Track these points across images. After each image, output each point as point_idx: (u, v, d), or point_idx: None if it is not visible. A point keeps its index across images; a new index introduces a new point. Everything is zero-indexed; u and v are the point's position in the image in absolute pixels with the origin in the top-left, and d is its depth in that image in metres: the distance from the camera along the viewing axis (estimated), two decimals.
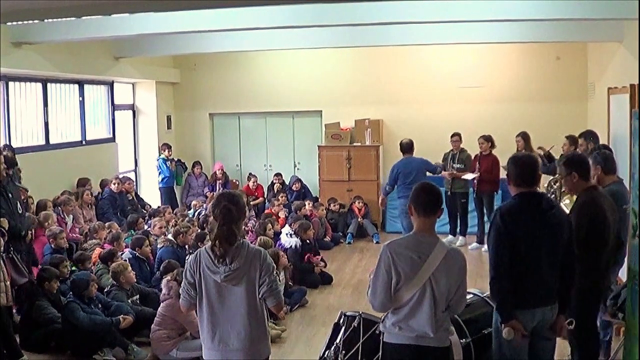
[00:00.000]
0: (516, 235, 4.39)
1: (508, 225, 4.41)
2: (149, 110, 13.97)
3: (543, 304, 4.47)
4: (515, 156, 4.74)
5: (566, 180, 5.33)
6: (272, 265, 4.13)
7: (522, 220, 4.44)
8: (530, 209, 4.46)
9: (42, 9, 7.11)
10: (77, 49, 10.94)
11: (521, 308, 4.42)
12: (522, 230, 4.40)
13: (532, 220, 4.43)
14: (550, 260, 4.45)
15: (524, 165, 4.57)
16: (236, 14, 8.94)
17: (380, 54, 13.25)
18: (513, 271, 4.39)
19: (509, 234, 4.39)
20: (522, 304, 4.42)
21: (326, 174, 13.26)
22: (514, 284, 4.39)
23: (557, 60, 12.96)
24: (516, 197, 4.54)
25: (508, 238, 4.39)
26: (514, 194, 4.57)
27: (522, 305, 4.42)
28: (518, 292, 4.40)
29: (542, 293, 4.46)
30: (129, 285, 7.60)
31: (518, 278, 4.39)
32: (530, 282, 4.42)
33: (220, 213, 4.09)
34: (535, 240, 4.40)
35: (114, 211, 11.11)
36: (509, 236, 4.38)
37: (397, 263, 4.01)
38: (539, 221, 4.43)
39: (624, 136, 9.41)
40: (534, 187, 4.58)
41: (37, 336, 6.95)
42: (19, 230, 7.04)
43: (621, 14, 8.42)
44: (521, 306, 4.42)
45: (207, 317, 4.13)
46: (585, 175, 5.26)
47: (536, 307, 4.45)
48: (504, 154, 11.14)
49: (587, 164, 5.35)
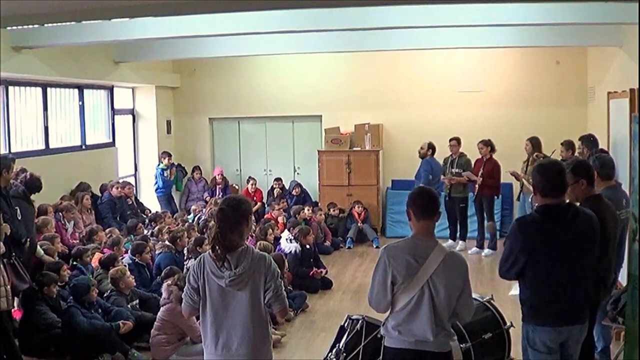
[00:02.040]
0: (534, 252, 4.26)
1: (526, 239, 4.27)
2: (149, 114, 13.97)
3: (569, 323, 4.34)
4: (541, 164, 4.56)
5: (573, 187, 5.04)
6: (277, 271, 4.13)
7: (541, 237, 4.27)
8: (552, 225, 4.28)
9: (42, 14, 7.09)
10: (77, 54, 10.95)
11: (545, 325, 4.31)
12: (541, 247, 4.25)
13: (553, 236, 4.26)
14: (575, 277, 4.30)
15: (551, 173, 4.38)
16: (236, 18, 8.95)
17: (380, 59, 13.26)
18: (534, 289, 4.30)
19: (525, 250, 4.26)
20: (546, 322, 4.32)
21: (326, 178, 13.26)
22: (535, 302, 4.31)
23: (557, 65, 12.97)
24: (540, 209, 4.36)
25: (523, 253, 4.26)
26: (539, 206, 4.37)
27: (546, 323, 4.32)
28: (540, 309, 4.30)
29: (567, 312, 4.33)
30: (128, 290, 7.60)
31: (540, 296, 4.30)
32: (553, 301, 4.30)
33: (216, 216, 4.12)
34: (556, 259, 4.25)
35: (113, 216, 11.09)
36: (524, 252, 4.26)
37: (393, 266, 4.02)
38: (561, 237, 4.25)
39: (624, 140, 9.42)
40: (561, 196, 4.37)
41: (37, 341, 6.93)
42: (20, 236, 7.04)
43: (621, 18, 8.43)
44: (546, 324, 4.32)
45: (211, 322, 4.11)
46: (593, 183, 5.12)
47: (561, 325, 4.32)
48: (504, 159, 11.26)
49: (590, 169, 5.22)
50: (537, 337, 4.36)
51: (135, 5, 6.96)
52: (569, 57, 12.81)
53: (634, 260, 5.12)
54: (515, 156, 11.21)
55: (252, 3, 6.87)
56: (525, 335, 4.45)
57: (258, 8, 7.45)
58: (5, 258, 6.47)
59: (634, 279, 5.12)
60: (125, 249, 9.14)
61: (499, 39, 10.79)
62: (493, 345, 5.51)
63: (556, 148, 10.36)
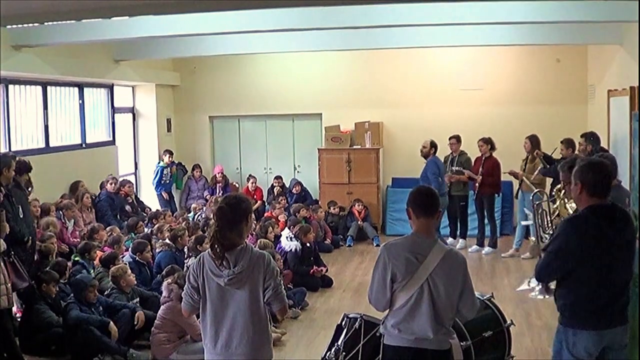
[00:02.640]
0: (585, 252, 4.09)
1: (579, 239, 4.10)
2: (149, 113, 13.97)
3: (612, 326, 4.17)
4: (593, 163, 4.32)
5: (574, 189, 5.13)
6: (276, 269, 4.12)
7: (595, 236, 4.09)
8: (602, 226, 4.10)
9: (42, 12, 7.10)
10: (77, 52, 10.95)
11: (586, 329, 4.14)
12: (593, 248, 4.08)
13: (605, 237, 4.09)
14: (621, 280, 4.18)
15: (604, 173, 4.18)
16: (236, 16, 8.95)
17: (380, 57, 13.25)
18: (579, 291, 4.15)
19: (576, 249, 4.10)
20: (588, 325, 4.14)
21: (326, 176, 13.26)
22: (580, 305, 4.15)
23: (557, 63, 12.97)
24: (591, 209, 4.14)
25: (573, 253, 4.10)
26: (590, 206, 4.16)
27: (588, 326, 4.14)
28: (584, 312, 4.15)
29: (611, 314, 4.16)
30: (129, 289, 7.60)
31: (585, 298, 4.14)
32: (596, 303, 4.13)
33: (215, 215, 4.11)
34: (606, 260, 4.09)
35: (112, 213, 11.06)
36: (575, 252, 4.10)
37: (393, 264, 4.03)
38: (610, 240, 4.10)
39: (624, 138, 9.43)
40: (607, 197, 4.20)
41: (38, 340, 6.94)
42: (21, 235, 7.04)
43: (621, 16, 8.43)
44: (587, 327, 4.14)
45: (210, 321, 4.11)
46: None
47: (605, 328, 4.15)
48: (505, 157, 11.26)
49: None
50: (578, 342, 4.17)
51: (135, 4, 6.96)
52: (570, 55, 12.81)
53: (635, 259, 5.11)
54: (515, 154, 11.21)
55: (252, 1, 6.88)
56: (564, 339, 4.24)
57: (258, 6, 7.46)
58: (5, 256, 6.47)
59: (635, 278, 5.12)
60: (126, 247, 9.14)
61: (499, 36, 10.79)
62: (493, 343, 5.50)
63: (557, 146, 10.37)
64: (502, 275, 9.91)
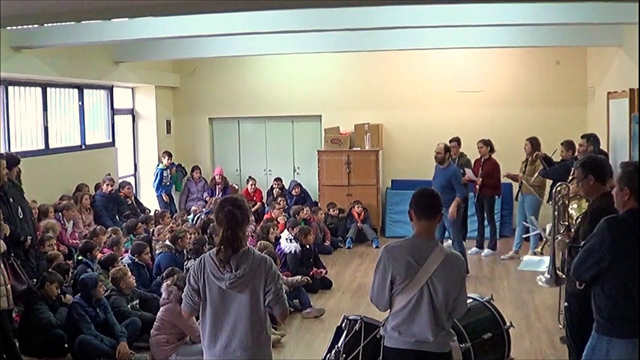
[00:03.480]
0: (622, 254, 3.99)
1: (615, 240, 3.99)
2: (149, 114, 13.96)
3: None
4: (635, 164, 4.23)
5: (582, 183, 5.01)
6: (277, 273, 4.12)
7: (627, 241, 3.98)
8: None
9: (42, 14, 7.10)
10: (76, 54, 10.95)
11: (621, 337, 4.00)
12: (632, 251, 3.97)
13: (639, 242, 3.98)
14: None
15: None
16: (236, 18, 8.95)
17: (379, 59, 13.26)
18: (616, 296, 4.03)
19: (612, 250, 3.99)
20: (623, 332, 4.00)
21: (326, 178, 13.25)
22: (617, 311, 4.02)
23: (557, 65, 12.97)
24: (630, 212, 4.06)
25: (609, 254, 4.00)
26: (630, 209, 4.07)
27: (623, 334, 4.00)
28: (621, 319, 4.01)
29: None
30: (129, 290, 7.60)
31: (622, 304, 4.01)
32: (633, 309, 3.98)
33: (224, 217, 4.05)
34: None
35: (108, 214, 11.03)
36: (611, 252, 4.00)
37: (393, 266, 4.03)
38: None
39: (624, 140, 9.44)
40: None
41: (37, 341, 6.92)
42: (17, 235, 7.01)
43: (621, 18, 8.43)
44: (622, 335, 4.00)
45: (210, 323, 4.10)
46: (602, 179, 4.99)
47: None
48: (504, 159, 11.25)
49: (604, 167, 5.11)
50: (613, 350, 4.04)
51: (134, 5, 6.96)
52: (569, 57, 12.81)
53: None
54: (515, 156, 11.20)
55: (252, 3, 6.87)
56: (597, 348, 4.13)
57: (258, 8, 7.45)
58: (4, 258, 6.46)
59: None
60: (125, 249, 9.13)
61: (499, 38, 10.80)
62: (493, 345, 5.50)
63: (556, 148, 10.37)
64: (501, 277, 9.91)
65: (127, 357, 6.81)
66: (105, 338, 6.86)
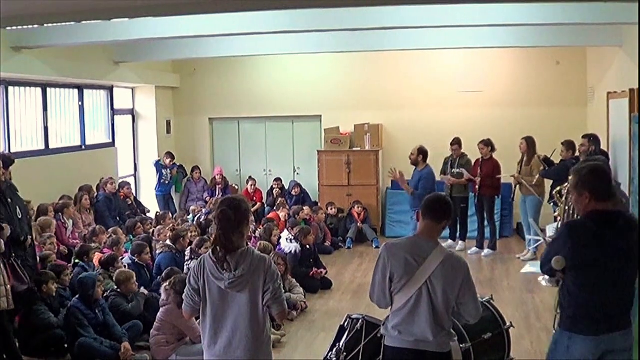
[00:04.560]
0: (582, 258, 4.03)
1: (575, 245, 4.04)
2: (149, 115, 13.97)
3: (610, 331, 4.07)
4: (597, 168, 4.24)
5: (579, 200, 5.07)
6: (276, 273, 4.12)
7: (594, 243, 4.03)
8: (605, 231, 4.03)
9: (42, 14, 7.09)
10: (76, 54, 10.95)
11: (585, 334, 4.06)
12: (591, 254, 4.02)
13: (605, 243, 4.02)
14: (621, 284, 4.10)
15: (605, 177, 4.15)
16: (236, 18, 8.96)
17: (379, 59, 13.27)
18: (577, 295, 4.09)
19: (572, 255, 4.03)
20: (584, 330, 4.06)
21: (326, 178, 13.26)
22: (577, 309, 4.09)
23: (557, 65, 12.98)
24: (590, 214, 4.11)
25: (569, 258, 4.03)
26: (591, 211, 4.10)
27: (583, 331, 4.06)
28: (581, 317, 4.08)
29: (609, 320, 4.07)
30: (130, 294, 7.59)
31: (582, 303, 4.08)
32: (596, 308, 4.06)
33: (217, 218, 4.09)
34: (605, 266, 4.02)
35: (111, 214, 11.06)
36: (571, 257, 4.03)
37: (392, 263, 4.05)
38: (614, 245, 4.02)
39: (624, 140, 9.44)
40: (610, 202, 4.16)
41: (37, 341, 6.92)
42: (17, 235, 7.01)
43: (621, 18, 8.43)
44: (585, 332, 4.05)
45: (210, 324, 4.11)
46: None
47: (601, 334, 4.05)
48: (504, 159, 11.26)
49: None
50: (574, 347, 4.11)
51: (134, 6, 6.97)
52: (569, 57, 12.82)
53: None
54: (514, 156, 11.20)
55: (252, 3, 6.87)
56: (559, 342, 4.21)
57: (258, 8, 7.45)
58: (5, 258, 6.46)
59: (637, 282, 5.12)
60: (125, 249, 9.13)
61: (498, 39, 10.80)
62: (493, 345, 5.50)
63: (556, 148, 10.37)
64: (501, 277, 9.91)
65: (130, 357, 6.81)
66: (105, 340, 6.86)
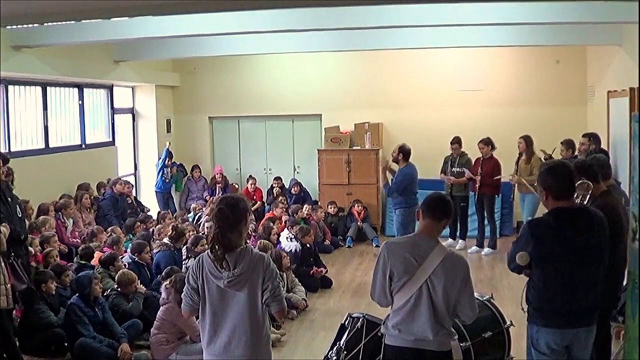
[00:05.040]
0: (544, 255, 4.24)
1: (537, 243, 4.24)
2: (149, 114, 13.97)
3: (574, 326, 4.31)
4: (552, 167, 4.47)
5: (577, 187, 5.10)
6: (275, 271, 4.11)
7: (554, 241, 4.23)
8: (566, 229, 4.23)
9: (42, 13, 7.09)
10: (76, 53, 10.95)
11: (550, 327, 4.30)
12: (552, 251, 4.22)
13: (566, 241, 4.21)
14: (586, 281, 4.28)
15: (563, 175, 4.33)
16: (236, 17, 8.95)
17: (380, 58, 13.26)
18: (542, 290, 4.31)
19: (534, 252, 4.24)
20: (551, 323, 4.31)
21: (326, 177, 13.25)
22: (541, 303, 4.31)
23: (557, 64, 12.97)
24: (553, 213, 4.30)
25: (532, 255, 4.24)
26: (552, 209, 4.31)
27: (551, 324, 4.30)
28: (546, 311, 4.30)
29: (574, 315, 4.29)
30: (130, 294, 7.59)
31: (546, 297, 4.30)
32: (559, 302, 4.28)
33: (214, 216, 4.09)
34: (567, 263, 4.22)
35: (115, 214, 11.08)
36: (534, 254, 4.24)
37: (392, 261, 4.06)
38: (575, 243, 4.21)
39: (624, 139, 9.43)
40: (572, 198, 4.40)
41: (37, 340, 6.93)
42: (18, 234, 7.01)
43: (620, 17, 8.43)
44: (550, 325, 4.30)
45: (209, 322, 4.10)
46: (596, 179, 5.17)
47: (565, 328, 4.29)
48: (504, 158, 11.25)
49: (592, 168, 5.28)
50: (541, 338, 4.34)
51: (134, 5, 6.95)
52: (569, 56, 12.81)
53: (634, 259, 5.12)
54: (514, 155, 11.18)
55: (252, 2, 6.87)
56: (530, 335, 4.45)
57: (258, 7, 7.45)
58: (4, 257, 6.45)
59: (634, 278, 5.13)
60: (125, 249, 9.12)
61: (498, 38, 10.80)
62: (493, 344, 5.50)
63: (555, 147, 10.37)
64: (501, 276, 9.90)
65: (129, 358, 6.81)
66: (105, 339, 6.86)
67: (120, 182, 11.49)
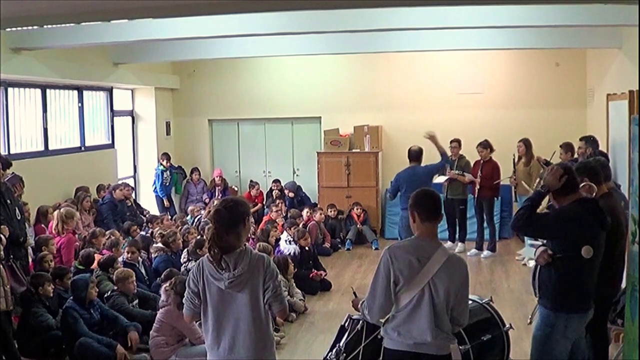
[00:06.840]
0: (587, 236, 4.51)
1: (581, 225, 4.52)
2: (148, 116, 13.97)
3: (590, 307, 4.65)
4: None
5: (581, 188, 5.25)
6: (275, 271, 4.11)
7: (594, 223, 4.55)
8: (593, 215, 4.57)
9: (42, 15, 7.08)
10: (76, 55, 10.95)
11: (580, 312, 4.57)
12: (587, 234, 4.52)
13: (595, 225, 4.55)
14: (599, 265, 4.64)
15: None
16: (235, 20, 8.96)
17: (379, 61, 13.28)
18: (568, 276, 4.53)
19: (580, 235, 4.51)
20: (581, 308, 4.58)
21: (325, 180, 13.25)
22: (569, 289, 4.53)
23: (556, 67, 12.98)
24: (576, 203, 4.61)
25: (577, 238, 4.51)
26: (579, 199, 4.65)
27: (580, 309, 4.58)
28: (572, 296, 4.53)
29: (592, 296, 4.63)
30: (130, 293, 7.58)
31: (574, 283, 4.51)
32: (587, 286, 4.57)
33: (212, 217, 4.11)
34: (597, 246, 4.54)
35: (114, 218, 11.07)
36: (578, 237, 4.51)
37: (396, 266, 4.01)
38: (600, 227, 4.58)
39: (623, 142, 9.42)
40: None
41: (36, 343, 6.91)
42: (17, 236, 7.00)
43: (620, 20, 8.43)
44: (580, 310, 4.57)
45: (212, 325, 4.09)
46: (597, 181, 5.24)
47: (589, 309, 4.63)
48: (503, 161, 11.25)
49: (596, 169, 5.35)
50: (571, 325, 4.56)
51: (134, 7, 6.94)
52: (568, 59, 12.82)
53: (633, 262, 5.12)
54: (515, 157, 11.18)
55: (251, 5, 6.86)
56: (554, 324, 4.59)
57: (257, 10, 7.45)
58: (3, 260, 6.45)
59: (633, 281, 5.13)
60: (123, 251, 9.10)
61: (498, 41, 10.81)
62: (492, 347, 5.49)
63: (555, 150, 10.37)
64: (501, 279, 9.90)
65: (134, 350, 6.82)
66: (103, 338, 6.85)
67: (121, 188, 11.47)
